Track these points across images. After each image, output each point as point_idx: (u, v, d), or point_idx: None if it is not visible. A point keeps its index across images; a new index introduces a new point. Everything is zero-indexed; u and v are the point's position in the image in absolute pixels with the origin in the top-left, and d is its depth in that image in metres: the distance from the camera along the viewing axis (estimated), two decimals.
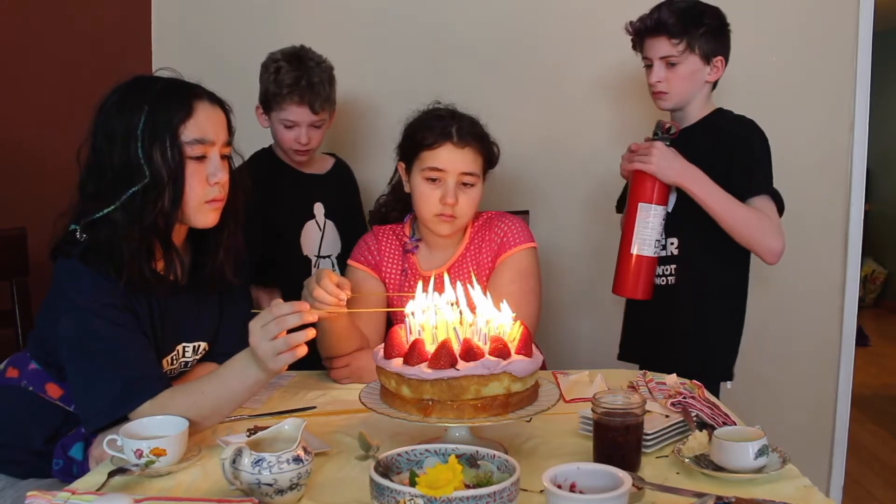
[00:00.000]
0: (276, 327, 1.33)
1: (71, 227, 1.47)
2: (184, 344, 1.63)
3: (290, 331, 1.34)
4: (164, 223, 1.48)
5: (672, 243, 2.05)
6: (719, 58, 2.03)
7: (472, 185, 1.89)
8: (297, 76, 2.15)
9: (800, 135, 2.48)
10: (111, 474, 1.27)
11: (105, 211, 1.44)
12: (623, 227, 2.01)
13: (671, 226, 2.02)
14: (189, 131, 1.46)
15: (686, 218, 1.99)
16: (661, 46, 2.01)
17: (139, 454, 1.28)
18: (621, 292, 2.03)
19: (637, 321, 2.20)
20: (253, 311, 1.41)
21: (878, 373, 4.92)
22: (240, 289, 1.72)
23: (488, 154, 1.93)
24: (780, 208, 1.95)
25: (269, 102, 2.22)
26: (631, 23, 2.08)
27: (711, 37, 2.01)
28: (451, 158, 1.86)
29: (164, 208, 1.46)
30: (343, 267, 2.29)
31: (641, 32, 2.06)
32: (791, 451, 1.34)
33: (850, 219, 2.73)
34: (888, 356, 5.38)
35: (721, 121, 2.05)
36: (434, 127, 1.88)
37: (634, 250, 1.98)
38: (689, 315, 2.05)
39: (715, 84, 2.08)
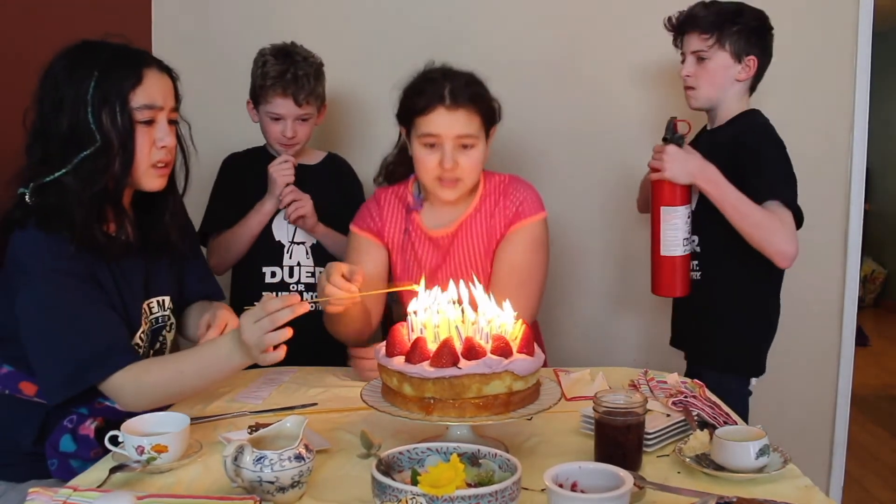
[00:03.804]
0: (269, 324, 1.35)
1: (20, 191, 1.48)
2: (148, 301, 1.65)
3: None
4: (115, 187, 1.51)
5: (693, 240, 2.06)
6: (751, 57, 2.03)
7: (471, 147, 1.83)
8: (282, 69, 2.19)
9: (800, 135, 2.48)
10: (112, 471, 1.27)
11: (56, 175, 1.46)
12: (651, 229, 2.04)
13: (693, 223, 2.03)
14: (138, 97, 1.49)
15: (707, 216, 1.99)
16: (694, 41, 2.04)
17: (140, 451, 1.28)
18: (659, 292, 2.07)
19: (677, 311, 2.27)
20: (245, 307, 1.43)
21: (878, 373, 4.92)
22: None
23: (486, 112, 1.86)
24: (797, 216, 1.93)
25: (256, 96, 2.26)
26: (669, 18, 2.12)
27: (745, 36, 2.01)
28: (445, 122, 1.80)
29: (114, 172, 1.49)
30: (316, 255, 2.32)
31: (678, 27, 2.10)
32: (791, 451, 1.34)
33: (849, 219, 2.73)
34: (888, 356, 5.39)
35: (741, 126, 2.05)
36: (425, 91, 1.82)
37: (663, 252, 2.01)
38: (713, 310, 2.07)
39: (754, 86, 2.08)
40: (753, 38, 2.03)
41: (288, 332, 1.36)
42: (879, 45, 2.81)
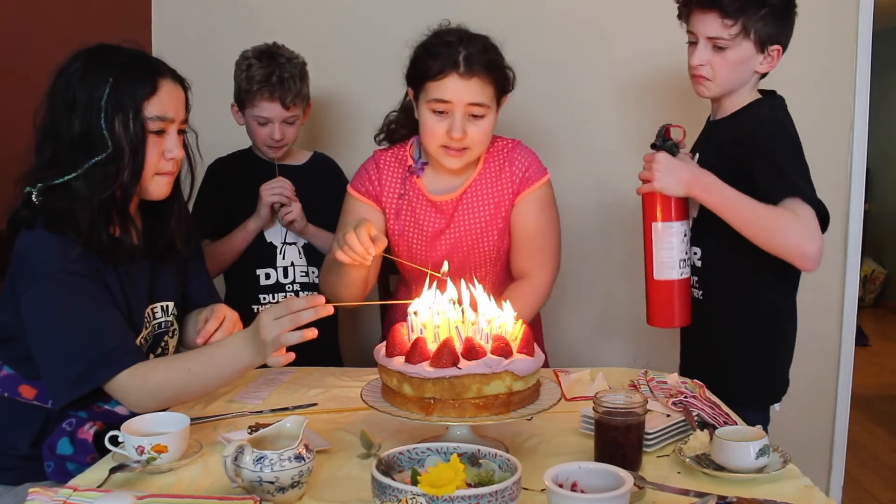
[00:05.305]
0: (289, 322, 1.34)
1: (27, 190, 1.47)
2: (152, 306, 1.65)
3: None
4: (123, 194, 1.51)
5: (695, 253, 1.85)
6: (777, 47, 1.77)
7: (482, 116, 1.79)
8: (267, 72, 2.17)
9: (799, 134, 2.49)
10: (112, 471, 1.27)
11: (66, 178, 1.46)
12: (644, 249, 1.82)
13: (693, 235, 1.83)
14: (152, 108, 1.49)
15: (709, 226, 1.76)
16: (711, 25, 1.74)
17: (141, 451, 1.28)
18: (653, 322, 1.84)
19: (683, 337, 2.03)
20: (269, 304, 1.43)
21: (878, 373, 4.93)
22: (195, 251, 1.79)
23: (500, 81, 1.81)
24: (820, 214, 1.68)
25: (242, 100, 2.25)
26: None
27: (773, 21, 1.73)
28: (457, 89, 1.75)
29: (123, 180, 1.49)
30: (309, 254, 2.33)
31: (690, 3, 1.79)
32: (791, 451, 1.34)
33: (849, 218, 2.73)
34: (888, 356, 5.39)
35: (749, 118, 1.79)
36: (440, 54, 1.76)
37: (657, 276, 1.78)
38: (716, 333, 1.86)
39: (767, 71, 1.83)
40: (781, 24, 1.75)
41: (308, 334, 1.34)
42: (879, 45, 2.81)
